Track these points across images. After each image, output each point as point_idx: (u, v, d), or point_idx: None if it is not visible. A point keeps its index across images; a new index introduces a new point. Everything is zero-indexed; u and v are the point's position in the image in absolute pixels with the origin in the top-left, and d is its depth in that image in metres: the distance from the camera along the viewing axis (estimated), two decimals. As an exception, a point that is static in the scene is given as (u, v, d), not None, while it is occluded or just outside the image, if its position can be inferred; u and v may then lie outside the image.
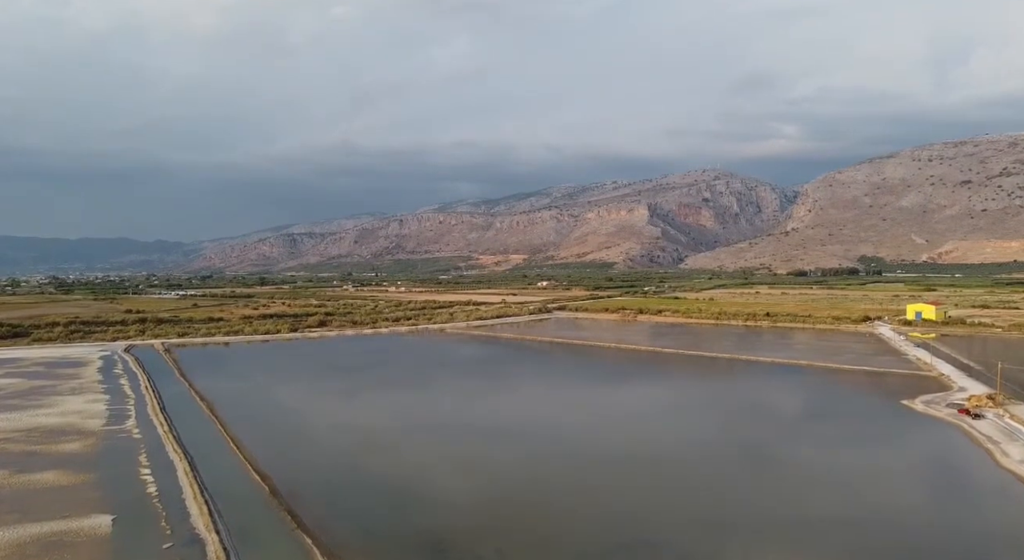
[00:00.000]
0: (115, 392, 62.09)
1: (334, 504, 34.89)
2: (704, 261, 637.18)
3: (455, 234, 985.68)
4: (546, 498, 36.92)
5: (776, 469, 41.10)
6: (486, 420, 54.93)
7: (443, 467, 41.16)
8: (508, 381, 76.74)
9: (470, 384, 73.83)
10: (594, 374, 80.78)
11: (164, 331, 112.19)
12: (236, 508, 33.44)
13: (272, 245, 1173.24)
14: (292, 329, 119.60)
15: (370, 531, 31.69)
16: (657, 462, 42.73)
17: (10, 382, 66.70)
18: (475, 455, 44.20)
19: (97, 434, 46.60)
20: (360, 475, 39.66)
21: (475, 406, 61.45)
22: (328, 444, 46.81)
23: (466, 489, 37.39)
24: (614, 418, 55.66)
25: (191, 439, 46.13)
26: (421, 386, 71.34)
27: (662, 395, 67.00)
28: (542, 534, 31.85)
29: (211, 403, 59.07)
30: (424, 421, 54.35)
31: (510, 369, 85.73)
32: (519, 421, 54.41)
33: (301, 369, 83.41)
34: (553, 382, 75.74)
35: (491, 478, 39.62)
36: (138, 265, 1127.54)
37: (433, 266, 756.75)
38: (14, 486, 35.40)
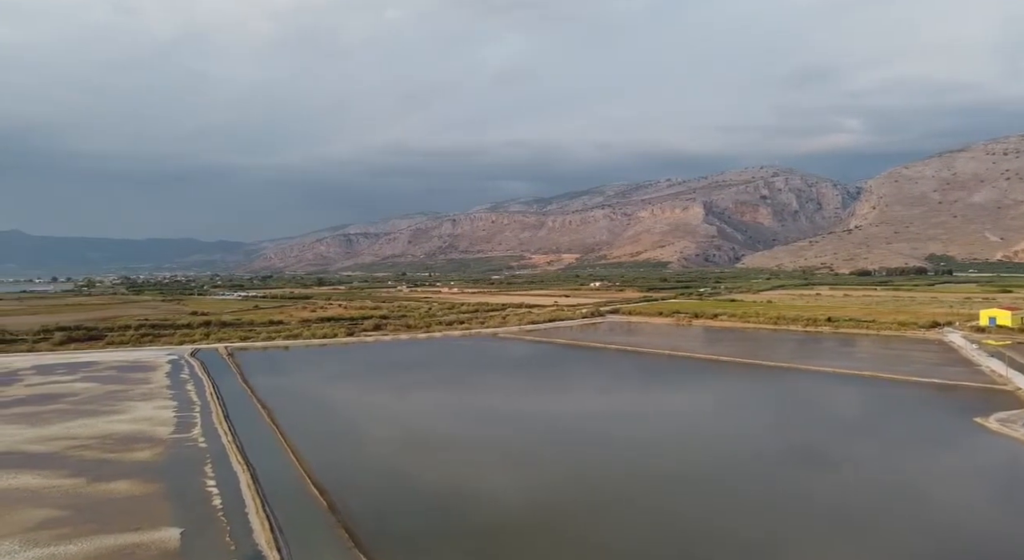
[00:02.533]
0: (182, 398, 64.48)
1: (389, 519, 35.37)
2: (762, 260, 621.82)
3: (507, 233, 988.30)
4: (597, 506, 36.78)
5: (831, 494, 39.65)
6: (540, 429, 54.70)
7: (498, 481, 41.19)
8: (560, 389, 76.35)
9: (523, 392, 73.82)
10: (646, 382, 79.74)
11: (227, 335, 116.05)
12: (295, 523, 34.28)
13: (329, 245, 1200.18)
14: (348, 333, 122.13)
15: (425, 550, 32.14)
16: (707, 478, 41.78)
17: (87, 386, 70.09)
18: (527, 464, 44.13)
19: (165, 442, 48.47)
20: (415, 486, 39.99)
21: (528, 413, 61.33)
22: (384, 455, 47.44)
23: (521, 504, 37.33)
24: (665, 429, 54.76)
25: (252, 449, 47.54)
26: (476, 394, 71.80)
27: (716, 407, 65.49)
28: (595, 542, 31.92)
29: (271, 411, 60.75)
30: (482, 433, 54.58)
31: (562, 376, 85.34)
32: (572, 430, 54.00)
33: (358, 375, 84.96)
34: (605, 389, 75.02)
35: (542, 486, 39.45)
36: (202, 265, 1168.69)
37: (486, 265, 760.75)
38: (91, 495, 37.09)
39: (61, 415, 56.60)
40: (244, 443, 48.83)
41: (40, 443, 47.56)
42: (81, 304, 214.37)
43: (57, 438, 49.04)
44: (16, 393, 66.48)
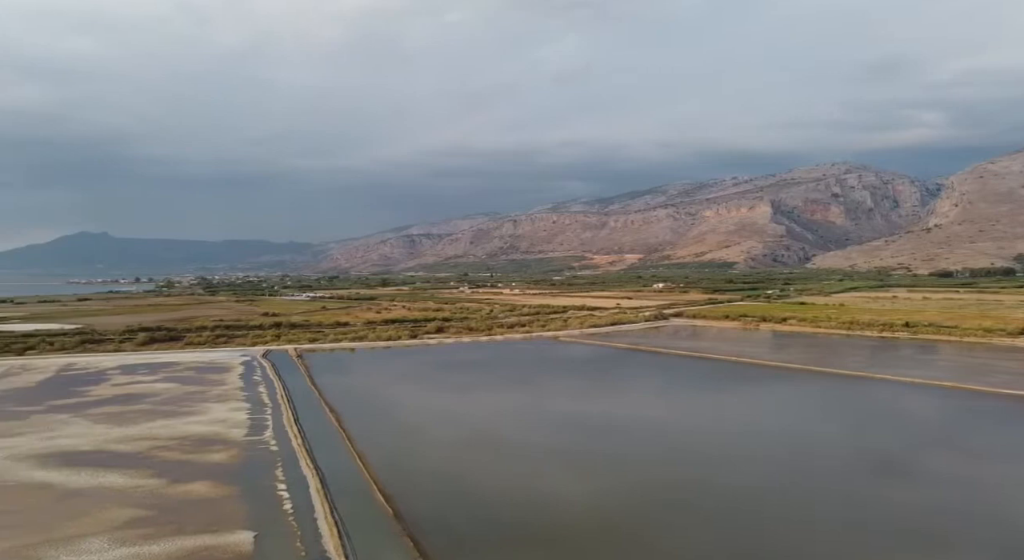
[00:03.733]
0: (254, 400, 66.83)
1: (453, 527, 35.70)
2: (834, 260, 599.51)
3: (568, 234, 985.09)
4: (663, 516, 36.22)
5: (914, 511, 37.74)
6: (602, 434, 54.08)
7: (562, 489, 40.94)
8: (622, 394, 75.44)
9: (585, 396, 73.14)
10: (711, 390, 77.88)
11: (296, 336, 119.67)
12: (362, 531, 34.95)
13: (393, 246, 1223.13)
14: (412, 335, 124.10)
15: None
16: (780, 493, 40.44)
17: (167, 387, 73.53)
18: (592, 470, 43.70)
19: (239, 444, 50.32)
20: (478, 493, 40.29)
21: (590, 418, 60.70)
22: (448, 460, 47.88)
23: (585, 513, 37.03)
24: (731, 439, 53.16)
25: (320, 452, 48.77)
26: (539, 398, 71.67)
27: (785, 418, 63.31)
28: (661, 554, 31.34)
29: (338, 414, 62.24)
30: (545, 438, 54.36)
31: (624, 381, 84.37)
32: (635, 436, 53.22)
33: (422, 378, 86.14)
34: (668, 396, 73.74)
35: (607, 493, 39.00)
36: (273, 265, 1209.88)
37: (547, 266, 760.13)
38: (171, 496, 38.84)
39: (144, 415, 59.52)
40: (313, 446, 50.18)
41: (125, 443, 50.14)
42: (161, 304, 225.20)
43: (140, 438, 51.60)
44: (103, 393, 70.29)
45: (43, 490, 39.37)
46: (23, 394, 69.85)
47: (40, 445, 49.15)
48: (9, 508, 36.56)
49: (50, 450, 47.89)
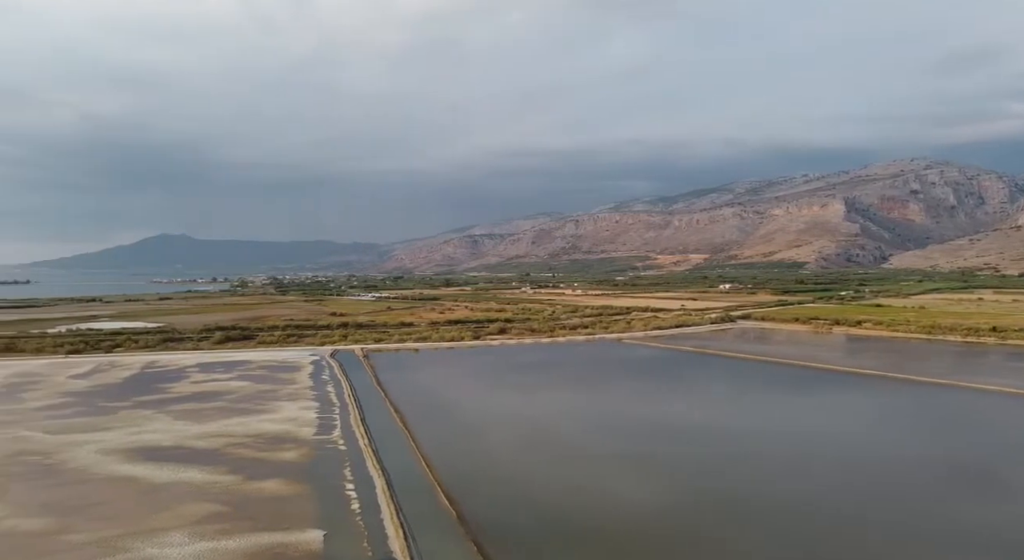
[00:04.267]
0: (323, 400, 68.76)
1: (516, 531, 35.75)
2: (912, 260, 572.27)
3: (631, 233, 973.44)
4: (730, 525, 35.21)
5: (1009, 530, 35.53)
6: (667, 439, 53.19)
7: (626, 494, 40.44)
8: (687, 398, 73.84)
9: (649, 400, 72.10)
10: (780, 396, 75.41)
11: (363, 336, 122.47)
12: (426, 533, 35.43)
13: (456, 246, 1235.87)
14: (474, 336, 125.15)
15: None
16: (857, 508, 38.68)
17: (241, 385, 76.47)
18: (656, 475, 43.00)
19: (309, 443, 51.84)
20: (542, 498, 40.16)
21: (654, 423, 59.77)
22: (511, 464, 47.95)
23: (649, 520, 36.47)
24: (803, 448, 51.26)
25: (386, 453, 49.70)
26: (603, 401, 71.12)
27: (861, 427, 60.58)
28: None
29: (403, 415, 63.33)
30: (609, 442, 53.84)
31: (689, 385, 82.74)
32: (700, 442, 52.02)
33: (485, 380, 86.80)
34: (734, 401, 71.76)
35: (672, 500, 38.31)
36: (339, 266, 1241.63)
37: (609, 266, 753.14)
38: (246, 493, 40.33)
39: (220, 412, 62.06)
40: (378, 446, 51.21)
41: (203, 439, 52.39)
42: (235, 304, 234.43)
43: (217, 435, 53.82)
44: (183, 390, 73.65)
45: (129, 483, 41.53)
46: (111, 390, 73.94)
47: (126, 440, 51.90)
48: (100, 500, 38.70)
49: (135, 445, 50.50)
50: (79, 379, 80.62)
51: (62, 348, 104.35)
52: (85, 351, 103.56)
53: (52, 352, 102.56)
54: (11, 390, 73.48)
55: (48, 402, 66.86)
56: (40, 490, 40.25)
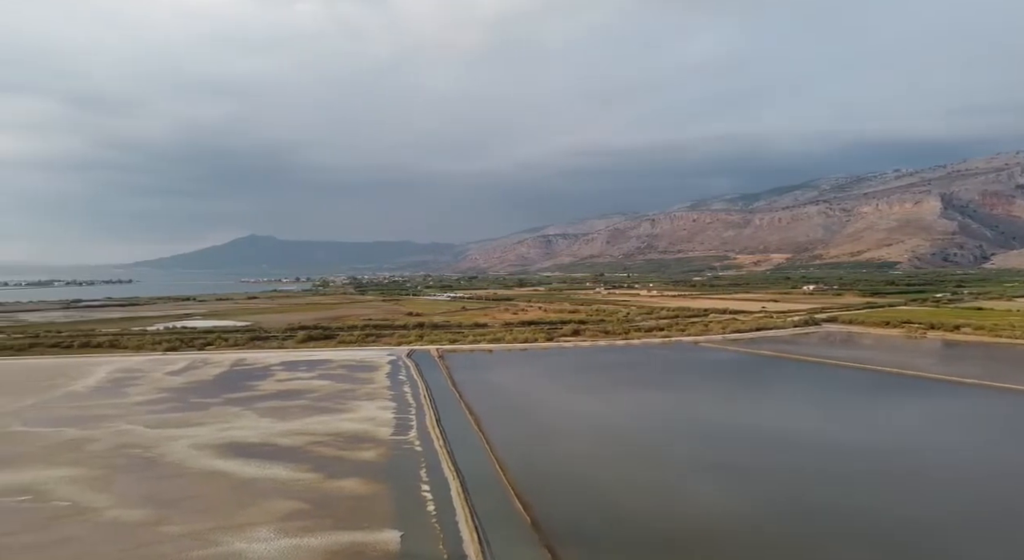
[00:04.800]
0: (399, 400, 70.32)
1: (591, 539, 35.44)
2: (1018, 260, 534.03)
3: (709, 233, 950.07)
4: (809, 534, 33.78)
5: None
6: (748, 448, 51.39)
7: (705, 504, 39.42)
8: (768, 406, 71.27)
9: (729, 406, 69.87)
10: (869, 405, 71.64)
11: (438, 337, 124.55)
12: (501, 537, 35.62)
13: (529, 246, 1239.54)
14: (548, 338, 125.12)
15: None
16: (961, 532, 36.35)
17: (323, 384, 79.18)
18: (739, 485, 41.64)
19: (386, 443, 53.10)
20: (619, 505, 39.64)
21: (735, 430, 57.92)
22: (587, 469, 47.45)
23: (732, 533, 35.42)
24: (892, 462, 48.47)
25: (460, 455, 50.30)
26: (680, 406, 69.61)
27: (962, 441, 56.89)
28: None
29: (477, 416, 63.95)
30: (689, 449, 52.64)
31: (770, 392, 79.92)
32: (784, 451, 50.08)
33: (559, 383, 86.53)
34: (819, 410, 68.64)
35: (757, 512, 36.98)
36: (416, 265, 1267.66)
37: (686, 266, 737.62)
38: (326, 491, 41.69)
39: (302, 411, 64.43)
40: (453, 448, 51.91)
41: (286, 437, 54.52)
42: (317, 303, 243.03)
43: (299, 433, 55.90)
44: (269, 388, 76.89)
45: (220, 478, 43.68)
46: (203, 387, 78.05)
47: (217, 436, 54.63)
48: (193, 493, 40.88)
49: (225, 441, 53.09)
50: (175, 375, 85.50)
51: (160, 345, 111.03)
52: (180, 348, 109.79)
53: (151, 349, 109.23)
54: (115, 385, 78.68)
55: (147, 397, 71.22)
56: (140, 482, 42.87)
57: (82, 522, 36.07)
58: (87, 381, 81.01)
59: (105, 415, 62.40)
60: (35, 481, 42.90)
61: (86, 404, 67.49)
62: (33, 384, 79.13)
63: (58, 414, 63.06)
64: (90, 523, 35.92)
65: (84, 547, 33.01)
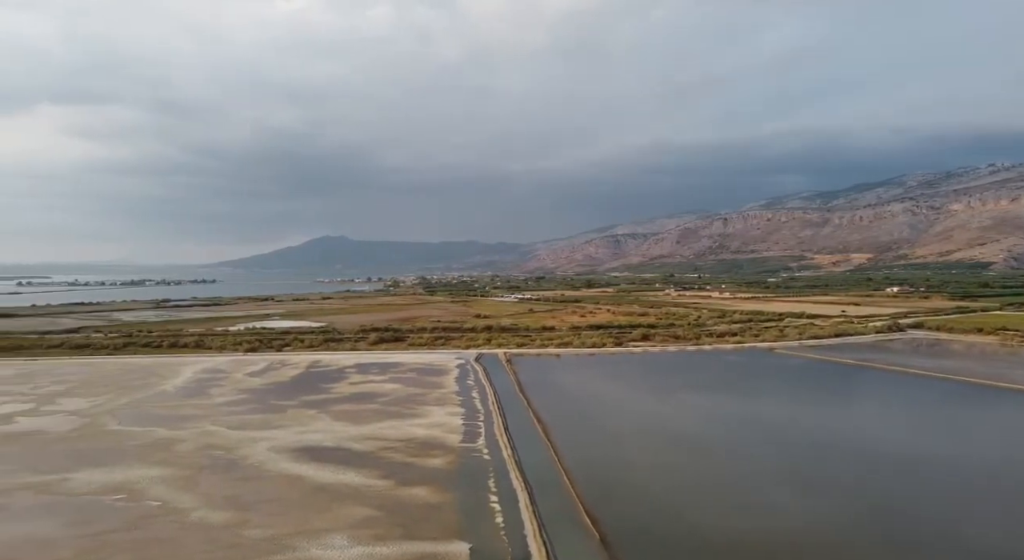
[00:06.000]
0: (468, 405, 71.00)
1: (662, 558, 34.86)
2: None
3: (785, 232, 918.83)
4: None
5: None
6: (832, 464, 49.34)
7: (783, 524, 38.06)
8: (851, 418, 68.08)
9: (809, 419, 67.21)
10: (959, 421, 67.51)
11: (506, 340, 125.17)
12: (569, 553, 35.38)
13: (597, 246, 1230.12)
14: (616, 342, 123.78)
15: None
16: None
17: (393, 388, 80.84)
18: (819, 503, 40.01)
19: (455, 451, 53.68)
20: (692, 523, 38.76)
21: (815, 444, 55.73)
22: (657, 483, 46.65)
23: (813, 554, 34.10)
24: (992, 486, 45.44)
25: (528, 465, 50.31)
26: (757, 418, 67.38)
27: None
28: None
29: (545, 424, 63.83)
30: (767, 466, 50.87)
31: (852, 403, 76.46)
32: (867, 468, 47.72)
33: (629, 390, 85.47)
34: (903, 423, 65.13)
35: (841, 534, 35.47)
36: (484, 265, 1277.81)
37: (760, 267, 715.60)
38: (397, 498, 42.49)
39: (374, 415, 65.95)
40: (521, 458, 51.97)
41: (359, 442, 55.91)
42: (388, 304, 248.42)
43: (371, 438, 57.22)
44: (342, 391, 79.10)
45: (296, 482, 45.19)
46: (281, 388, 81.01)
47: (293, 439, 56.57)
48: (272, 496, 42.45)
49: (301, 444, 54.92)
50: (254, 376, 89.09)
51: (241, 346, 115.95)
52: (260, 349, 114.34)
53: (233, 349, 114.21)
54: (200, 385, 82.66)
55: (229, 398, 74.48)
56: (224, 484, 44.82)
57: (170, 522, 38.01)
58: (175, 381, 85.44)
59: (191, 415, 65.64)
60: (128, 480, 45.53)
61: (174, 404, 71.18)
62: (127, 383, 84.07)
63: (149, 414, 66.77)
64: (177, 524, 37.81)
65: (173, 548, 34.74)
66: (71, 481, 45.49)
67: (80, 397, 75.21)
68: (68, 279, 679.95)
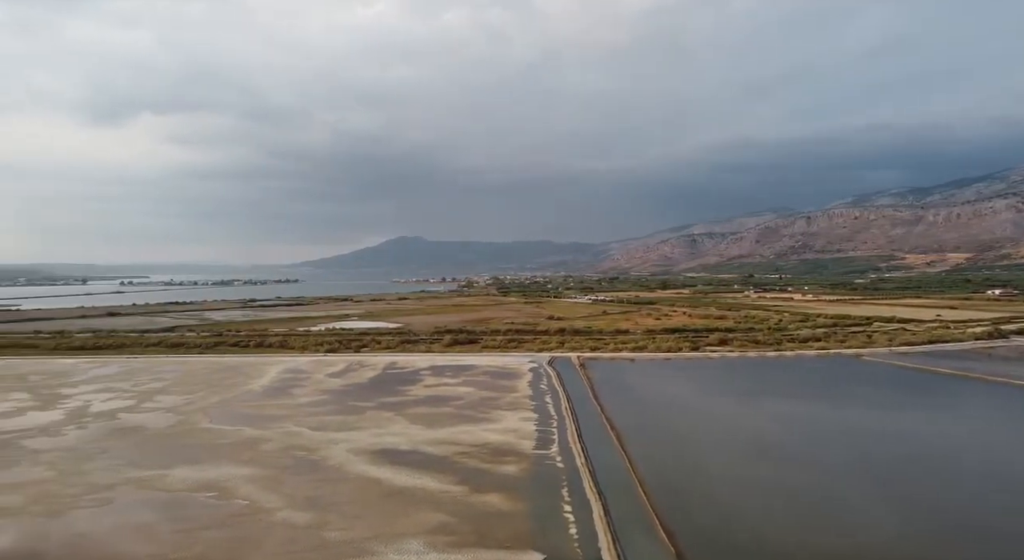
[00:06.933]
0: (541, 411, 70.96)
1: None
2: None
3: (873, 230, 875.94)
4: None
5: None
6: (935, 490, 46.66)
7: (880, 554, 36.22)
8: (949, 435, 64.05)
9: (903, 435, 63.74)
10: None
11: (579, 343, 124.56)
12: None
13: (672, 246, 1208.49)
14: (693, 347, 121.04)
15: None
16: None
17: (467, 391, 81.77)
18: (927, 538, 37.83)
19: (528, 458, 53.73)
20: (777, 545, 37.48)
21: (913, 464, 52.80)
22: (738, 498, 45.26)
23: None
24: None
25: (601, 474, 49.77)
26: (846, 431, 64.44)
27: None
28: None
29: (619, 431, 62.97)
30: (859, 486, 48.67)
31: (952, 418, 71.87)
32: (975, 491, 44.81)
33: (706, 398, 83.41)
34: (1014, 440, 60.70)
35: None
36: (556, 265, 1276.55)
37: (846, 267, 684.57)
38: (471, 505, 42.89)
39: (448, 418, 66.88)
40: (595, 467, 51.48)
41: (434, 446, 56.80)
42: (461, 305, 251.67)
43: (446, 442, 58.03)
44: (418, 393, 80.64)
45: (374, 486, 46.35)
46: (360, 390, 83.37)
47: (371, 441, 58.08)
48: (351, 499, 43.71)
49: (378, 447, 56.30)
50: (334, 377, 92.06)
51: (322, 347, 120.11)
52: (339, 350, 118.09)
53: (314, 350, 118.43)
54: (284, 385, 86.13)
55: (311, 399, 77.24)
56: (306, 485, 46.47)
57: (257, 522, 39.70)
58: (261, 381, 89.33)
59: (276, 415, 68.43)
60: (219, 478, 47.88)
61: (260, 403, 74.43)
62: (217, 382, 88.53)
63: (237, 413, 70.07)
64: (263, 523, 39.45)
65: (259, 547, 36.27)
66: (168, 477, 48.25)
67: (175, 395, 79.73)
68: (164, 279, 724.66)
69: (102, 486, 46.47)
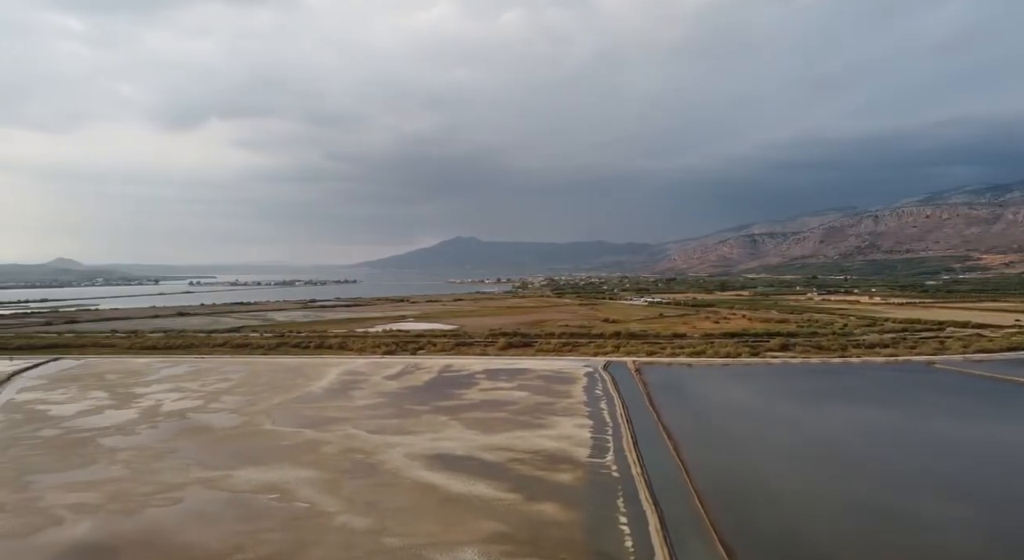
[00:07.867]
0: (596, 417, 70.41)
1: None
2: None
3: (947, 229, 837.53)
4: None
5: None
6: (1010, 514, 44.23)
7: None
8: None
9: (980, 452, 60.67)
10: None
11: (635, 347, 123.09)
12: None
13: (732, 246, 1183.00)
14: (752, 353, 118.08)
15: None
16: None
17: (521, 396, 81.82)
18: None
19: (583, 466, 53.39)
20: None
21: (988, 484, 50.17)
22: (798, 513, 43.98)
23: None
24: None
25: (657, 484, 49.02)
26: (915, 444, 61.76)
27: None
28: None
29: (675, 440, 61.90)
30: (932, 504, 46.60)
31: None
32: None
33: (767, 406, 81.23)
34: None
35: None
36: (611, 266, 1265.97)
37: (916, 268, 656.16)
38: (526, 514, 42.86)
39: (502, 424, 67.02)
40: (651, 477, 50.74)
41: (488, 451, 57.04)
42: (516, 306, 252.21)
43: (501, 448, 58.19)
44: (473, 397, 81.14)
45: (429, 491, 46.87)
46: (415, 393, 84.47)
47: (427, 446, 58.74)
48: (408, 504, 44.31)
49: (434, 451, 56.90)
50: (391, 380, 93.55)
51: (379, 349, 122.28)
52: (396, 352, 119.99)
53: (372, 352, 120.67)
54: (343, 387, 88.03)
55: (369, 401, 78.70)
56: (364, 489, 47.36)
57: (318, 525, 40.67)
58: (320, 383, 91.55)
59: (335, 418, 69.99)
60: (281, 480, 49.27)
61: (320, 405, 76.28)
62: (279, 383, 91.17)
63: (298, 414, 71.96)
64: (324, 527, 40.38)
65: (319, 551, 37.13)
66: (233, 478, 49.94)
67: (240, 396, 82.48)
68: (230, 279, 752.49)
69: (172, 485, 48.44)
